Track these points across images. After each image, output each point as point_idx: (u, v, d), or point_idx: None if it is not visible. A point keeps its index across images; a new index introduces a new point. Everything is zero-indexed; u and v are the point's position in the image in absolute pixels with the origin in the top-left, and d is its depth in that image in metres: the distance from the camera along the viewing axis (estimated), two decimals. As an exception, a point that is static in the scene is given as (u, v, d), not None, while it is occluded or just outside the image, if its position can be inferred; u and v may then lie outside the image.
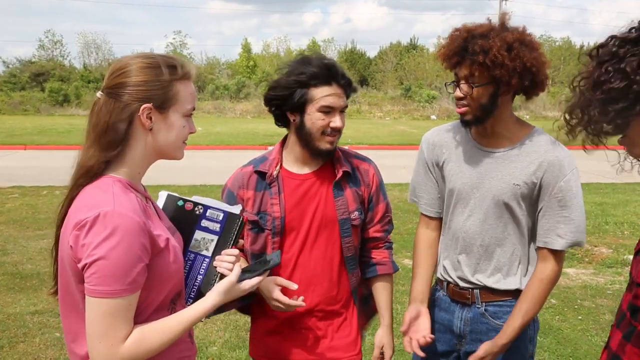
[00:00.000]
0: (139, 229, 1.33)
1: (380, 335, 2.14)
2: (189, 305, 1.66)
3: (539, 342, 4.12)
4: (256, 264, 1.70)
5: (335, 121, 1.94)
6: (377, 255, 2.16)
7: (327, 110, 1.92)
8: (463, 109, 1.93)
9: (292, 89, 1.92)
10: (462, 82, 1.90)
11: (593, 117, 1.25)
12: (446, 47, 1.92)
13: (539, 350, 4.01)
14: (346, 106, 1.98)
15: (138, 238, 1.32)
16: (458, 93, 1.92)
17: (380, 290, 2.16)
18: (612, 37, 1.25)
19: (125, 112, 1.41)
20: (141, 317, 1.40)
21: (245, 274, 1.61)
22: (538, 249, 1.97)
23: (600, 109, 1.23)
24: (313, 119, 1.93)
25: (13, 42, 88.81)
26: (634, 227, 7.55)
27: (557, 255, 1.93)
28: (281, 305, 1.94)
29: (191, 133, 1.55)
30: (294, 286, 1.92)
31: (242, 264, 2.06)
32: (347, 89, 1.98)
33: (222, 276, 1.66)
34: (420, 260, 2.19)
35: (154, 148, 1.48)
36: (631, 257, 1.42)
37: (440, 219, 2.18)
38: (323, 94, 1.91)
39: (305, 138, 1.96)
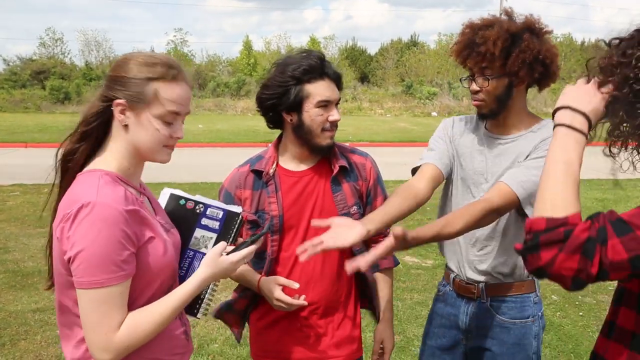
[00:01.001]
0: (122, 218, 1.34)
1: (380, 330, 2.14)
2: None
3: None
4: (247, 240, 1.69)
5: (334, 114, 1.94)
6: None
7: (325, 105, 1.92)
8: (479, 102, 1.94)
9: (287, 86, 1.89)
10: (477, 75, 1.91)
11: (619, 117, 1.22)
12: (457, 43, 1.94)
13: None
14: (339, 99, 1.99)
15: (121, 227, 1.33)
16: (474, 86, 1.93)
17: (381, 285, 2.16)
18: (638, 30, 1.21)
19: (105, 103, 1.45)
20: (132, 308, 1.41)
21: (235, 249, 1.61)
22: (498, 183, 1.86)
23: (628, 108, 1.20)
24: (312, 115, 1.92)
25: (14, 40, 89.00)
26: (635, 223, 7.53)
27: (507, 195, 1.81)
28: (283, 305, 1.94)
29: (177, 138, 1.51)
30: (295, 285, 1.93)
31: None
32: (338, 82, 1.98)
33: None
34: (402, 191, 1.93)
35: (132, 145, 1.47)
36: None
37: (439, 175, 2.02)
38: (319, 89, 1.91)
39: (304, 136, 1.95)
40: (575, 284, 1.13)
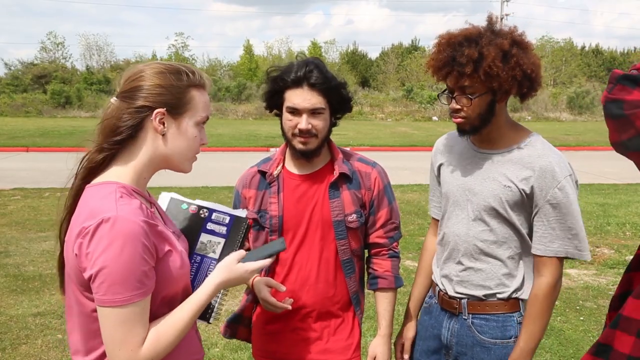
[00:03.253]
0: (143, 232, 1.31)
1: (374, 345, 2.12)
2: None
3: (541, 343, 4.11)
4: (262, 247, 1.71)
5: (300, 123, 1.95)
6: (380, 267, 2.14)
7: (293, 111, 1.96)
8: (460, 120, 1.90)
9: (271, 92, 2.01)
10: (458, 93, 1.86)
11: None
12: (435, 59, 1.87)
13: (541, 351, 4.00)
14: (317, 108, 1.95)
15: (142, 242, 1.30)
16: (454, 105, 1.88)
17: (380, 300, 2.15)
18: None
19: (138, 115, 1.40)
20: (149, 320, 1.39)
21: (249, 256, 1.61)
22: (533, 257, 1.92)
23: None
24: (284, 119, 1.99)
25: (15, 44, 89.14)
26: (636, 227, 7.54)
27: (552, 265, 1.86)
28: (269, 306, 1.98)
29: (202, 145, 1.53)
30: (282, 288, 1.95)
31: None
32: (324, 91, 1.95)
33: None
34: (422, 269, 2.23)
35: (164, 155, 1.46)
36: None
37: None
38: (290, 95, 1.95)
39: (285, 138, 2.02)
40: (633, 141, 1.05)
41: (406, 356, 2.19)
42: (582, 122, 28.91)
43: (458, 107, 1.87)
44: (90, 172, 1.43)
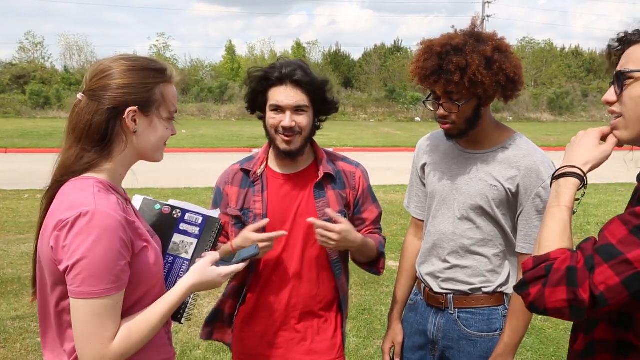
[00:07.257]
0: (121, 227, 1.33)
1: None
2: None
3: (522, 342, 4.15)
4: (236, 253, 1.71)
5: (284, 120, 1.96)
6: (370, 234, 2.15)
7: (276, 109, 1.97)
8: (448, 126, 1.93)
9: (255, 92, 2.01)
10: (444, 100, 1.89)
11: None
12: (421, 67, 1.89)
13: (522, 350, 4.04)
14: (300, 106, 1.95)
15: (120, 236, 1.32)
16: (442, 111, 1.91)
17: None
18: None
19: (109, 114, 1.40)
20: (122, 317, 1.39)
21: (223, 262, 1.62)
22: (518, 255, 1.96)
23: None
24: (268, 117, 2.00)
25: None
26: (615, 227, 7.63)
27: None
28: (266, 243, 1.89)
29: (172, 135, 1.55)
30: (265, 221, 1.93)
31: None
32: (307, 89, 1.96)
33: None
34: (405, 271, 2.25)
35: (136, 150, 1.48)
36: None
37: None
38: (273, 94, 1.97)
39: (269, 137, 2.03)
40: (574, 313, 1.16)
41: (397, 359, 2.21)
42: (563, 123, 29.26)
43: (445, 113, 1.90)
44: (68, 175, 1.42)
